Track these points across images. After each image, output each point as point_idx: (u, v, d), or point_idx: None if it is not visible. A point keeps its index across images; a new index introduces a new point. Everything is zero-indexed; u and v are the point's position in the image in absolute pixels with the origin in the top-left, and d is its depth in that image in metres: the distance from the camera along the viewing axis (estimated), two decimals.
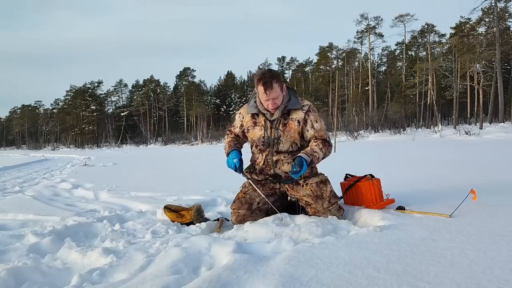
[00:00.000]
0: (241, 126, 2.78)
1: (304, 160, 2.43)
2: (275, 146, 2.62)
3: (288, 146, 2.62)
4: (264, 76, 2.48)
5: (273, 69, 2.69)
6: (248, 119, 2.70)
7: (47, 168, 11.54)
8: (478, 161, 6.87)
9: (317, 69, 56.88)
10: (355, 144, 19.19)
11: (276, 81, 2.49)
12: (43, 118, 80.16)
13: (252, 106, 2.65)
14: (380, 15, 51.50)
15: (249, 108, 2.68)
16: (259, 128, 2.65)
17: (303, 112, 2.61)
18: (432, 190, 3.55)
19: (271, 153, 2.65)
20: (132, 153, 25.33)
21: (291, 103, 2.61)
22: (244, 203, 2.65)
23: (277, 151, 2.63)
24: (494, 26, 33.67)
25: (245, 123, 2.73)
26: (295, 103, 2.61)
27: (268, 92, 2.46)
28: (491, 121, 32.06)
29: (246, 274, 1.55)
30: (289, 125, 2.60)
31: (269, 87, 2.46)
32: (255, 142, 2.69)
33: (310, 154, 2.49)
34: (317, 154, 2.51)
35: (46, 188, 5.50)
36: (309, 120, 2.61)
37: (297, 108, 2.60)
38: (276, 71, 2.60)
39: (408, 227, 2.17)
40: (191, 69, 65.82)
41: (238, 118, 2.81)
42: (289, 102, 2.61)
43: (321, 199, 2.55)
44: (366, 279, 1.46)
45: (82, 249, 2.11)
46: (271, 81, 2.47)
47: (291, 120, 2.61)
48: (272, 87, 2.46)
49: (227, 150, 2.73)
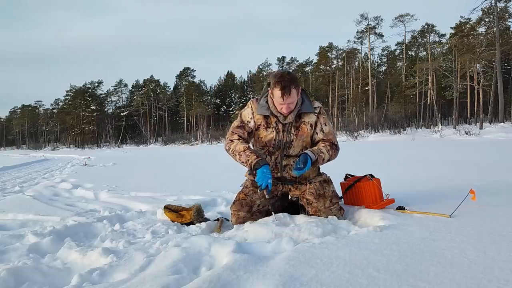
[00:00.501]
0: (253, 122, 2.60)
1: (309, 158, 2.39)
2: (286, 150, 2.58)
3: (299, 150, 2.58)
4: (284, 80, 2.36)
5: (291, 71, 2.56)
6: (259, 117, 2.58)
7: (47, 168, 11.54)
8: (478, 161, 6.87)
9: (317, 69, 56.87)
10: (355, 144, 19.18)
11: (295, 86, 2.38)
12: (43, 118, 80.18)
13: (264, 107, 2.53)
14: (380, 15, 51.54)
15: (259, 108, 2.55)
16: (271, 130, 2.56)
17: (315, 115, 2.57)
18: (432, 190, 3.55)
19: (280, 157, 2.59)
20: (132, 153, 25.33)
21: (305, 107, 2.53)
22: (244, 205, 2.63)
23: (287, 155, 2.59)
24: (494, 26, 33.67)
25: (256, 119, 2.59)
26: (308, 106, 2.54)
27: (285, 97, 2.37)
28: (491, 121, 32.06)
29: (246, 274, 1.55)
30: (301, 128, 2.55)
31: (288, 92, 2.35)
32: (265, 143, 2.60)
33: (316, 153, 2.46)
34: (323, 155, 2.49)
35: (46, 188, 5.50)
36: (319, 123, 2.58)
37: (310, 111, 2.55)
38: (294, 75, 2.49)
39: (408, 227, 2.17)
40: (191, 69, 65.90)
41: (249, 112, 2.61)
42: (303, 105, 2.53)
43: (323, 198, 2.55)
44: (366, 279, 1.46)
45: (82, 249, 2.11)
46: (290, 86, 2.36)
47: (303, 123, 2.55)
48: (291, 92, 2.36)
49: (252, 160, 2.41)
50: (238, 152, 2.50)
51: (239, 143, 2.53)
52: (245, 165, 2.50)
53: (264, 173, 2.36)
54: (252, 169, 2.42)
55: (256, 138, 2.65)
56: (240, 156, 2.48)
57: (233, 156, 2.55)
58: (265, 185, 2.35)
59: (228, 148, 2.58)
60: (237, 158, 2.51)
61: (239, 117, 2.67)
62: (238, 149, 2.51)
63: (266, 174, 2.36)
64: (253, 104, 2.62)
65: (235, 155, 2.52)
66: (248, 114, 2.62)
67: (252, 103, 2.63)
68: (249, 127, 2.61)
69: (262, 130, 2.59)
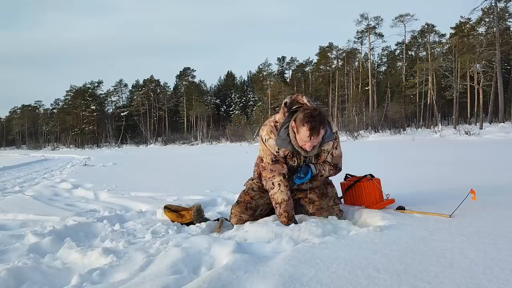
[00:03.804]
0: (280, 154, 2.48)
1: (310, 170, 2.47)
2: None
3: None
4: (314, 121, 2.24)
5: (322, 110, 2.38)
6: (285, 150, 2.45)
7: (47, 168, 11.53)
8: (478, 161, 6.87)
9: (317, 69, 56.82)
10: (355, 144, 19.17)
11: (323, 126, 2.30)
12: (43, 118, 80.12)
13: (285, 141, 2.39)
14: (380, 15, 51.36)
15: (279, 140, 2.41)
16: (294, 160, 2.50)
17: (333, 141, 2.54)
18: (432, 190, 3.55)
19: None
20: (132, 153, 25.32)
21: (326, 137, 2.45)
22: (248, 209, 2.64)
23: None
24: (494, 26, 33.66)
25: (282, 152, 2.47)
26: (329, 135, 2.46)
27: (313, 138, 2.28)
28: (491, 121, 32.05)
29: (246, 274, 1.55)
30: (321, 158, 2.55)
31: (316, 133, 2.27)
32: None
33: (318, 169, 2.52)
34: (324, 172, 2.56)
35: (46, 188, 5.51)
36: (332, 147, 2.57)
37: (330, 139, 2.50)
38: (324, 114, 2.34)
39: (408, 227, 2.17)
40: (191, 69, 65.84)
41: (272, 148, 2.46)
42: (324, 136, 2.42)
43: (326, 197, 2.59)
44: (366, 279, 1.46)
45: (82, 249, 2.11)
46: (320, 127, 2.27)
47: (323, 152, 2.53)
48: (319, 133, 2.29)
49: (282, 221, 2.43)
50: (274, 201, 2.48)
51: (278, 192, 2.46)
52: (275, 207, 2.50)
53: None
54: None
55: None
56: (275, 204, 2.48)
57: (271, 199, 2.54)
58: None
59: (268, 190, 2.55)
60: (273, 203, 2.50)
61: (266, 149, 2.50)
62: (276, 198, 2.47)
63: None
64: (272, 135, 2.46)
65: (272, 199, 2.51)
66: (274, 145, 2.47)
67: (272, 133, 2.46)
68: (281, 156, 2.50)
69: (288, 160, 2.51)
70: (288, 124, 2.38)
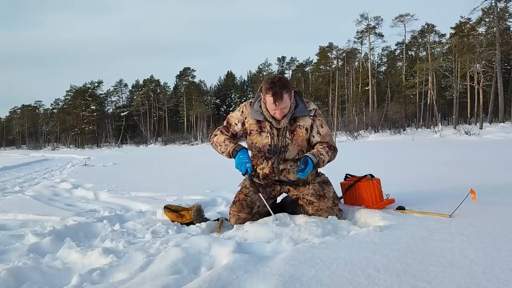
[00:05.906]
0: (243, 124, 2.62)
1: (310, 159, 2.39)
2: (282, 154, 2.57)
3: (295, 154, 2.58)
4: (275, 86, 2.36)
5: (283, 76, 2.55)
6: (253, 122, 2.57)
7: (47, 168, 11.54)
8: (478, 161, 6.87)
9: (317, 69, 56.82)
10: (355, 144, 19.18)
11: (286, 91, 2.38)
12: (43, 118, 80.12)
13: (258, 112, 2.53)
14: (380, 15, 51.40)
15: (253, 112, 2.55)
16: (266, 135, 2.55)
17: (310, 118, 2.56)
18: (432, 190, 3.55)
19: (277, 161, 2.59)
20: (132, 153, 25.33)
21: (299, 110, 2.52)
22: (245, 206, 2.62)
23: (284, 159, 2.58)
24: (494, 26, 33.67)
25: (249, 125, 2.59)
26: (302, 110, 2.53)
27: (277, 103, 2.36)
28: (491, 121, 32.04)
29: (246, 274, 1.55)
30: (297, 133, 2.54)
31: (279, 98, 2.35)
32: (260, 149, 2.59)
33: (317, 156, 2.45)
34: (323, 157, 2.48)
35: (46, 188, 5.51)
36: (315, 125, 2.57)
37: (305, 114, 2.54)
38: (286, 79, 2.48)
39: (408, 227, 2.17)
40: (191, 69, 65.82)
41: (239, 115, 2.64)
42: (296, 109, 2.52)
43: (324, 198, 2.55)
44: (366, 279, 1.46)
45: (82, 249, 2.11)
46: (282, 92, 2.35)
47: (298, 127, 2.54)
48: (282, 98, 2.36)
49: (229, 148, 2.51)
50: (218, 144, 2.59)
51: (220, 135, 2.62)
52: (225, 155, 2.57)
53: (241, 158, 2.45)
54: (231, 156, 2.51)
55: (250, 143, 2.64)
56: (220, 147, 2.57)
57: (215, 148, 2.64)
58: (244, 169, 2.44)
59: (212, 142, 2.67)
60: (218, 149, 2.60)
61: (229, 117, 2.70)
62: (218, 140, 2.60)
63: (243, 159, 2.45)
64: (246, 109, 2.63)
65: (216, 146, 2.61)
66: (237, 117, 2.65)
67: (245, 107, 2.64)
68: (234, 130, 2.65)
69: (256, 135, 2.58)
70: (261, 98, 2.51)
